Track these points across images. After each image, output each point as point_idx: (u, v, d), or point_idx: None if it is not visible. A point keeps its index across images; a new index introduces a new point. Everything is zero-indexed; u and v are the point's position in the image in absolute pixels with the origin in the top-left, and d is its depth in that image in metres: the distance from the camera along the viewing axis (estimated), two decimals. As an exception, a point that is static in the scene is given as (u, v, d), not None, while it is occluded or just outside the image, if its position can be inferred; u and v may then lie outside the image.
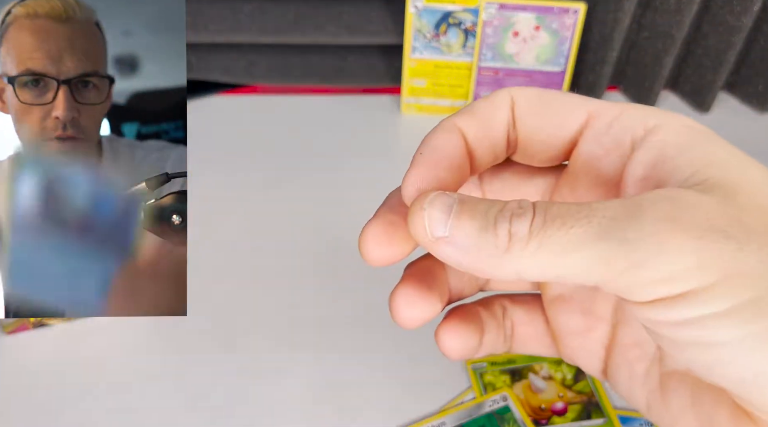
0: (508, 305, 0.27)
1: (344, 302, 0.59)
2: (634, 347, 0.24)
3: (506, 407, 0.52)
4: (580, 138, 0.23)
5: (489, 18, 0.70)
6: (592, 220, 0.18)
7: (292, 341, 0.56)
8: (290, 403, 0.52)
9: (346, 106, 0.78)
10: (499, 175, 0.26)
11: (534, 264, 0.19)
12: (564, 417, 0.52)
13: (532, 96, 0.23)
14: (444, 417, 0.51)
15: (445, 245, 0.20)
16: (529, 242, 0.18)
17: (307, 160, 0.71)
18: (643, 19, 0.73)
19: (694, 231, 0.18)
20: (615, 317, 0.25)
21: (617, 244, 0.18)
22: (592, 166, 0.23)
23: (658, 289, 0.18)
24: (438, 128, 0.23)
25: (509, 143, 0.24)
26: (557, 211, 0.19)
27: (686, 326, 0.18)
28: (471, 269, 0.20)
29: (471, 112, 0.23)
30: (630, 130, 0.22)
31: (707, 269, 0.17)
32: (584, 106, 0.23)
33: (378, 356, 0.55)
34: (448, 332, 0.25)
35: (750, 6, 0.69)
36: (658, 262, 0.18)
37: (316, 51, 0.79)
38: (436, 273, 0.25)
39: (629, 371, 0.25)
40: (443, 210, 0.20)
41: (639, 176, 0.21)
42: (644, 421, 0.51)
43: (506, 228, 0.19)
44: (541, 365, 0.55)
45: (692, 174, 0.20)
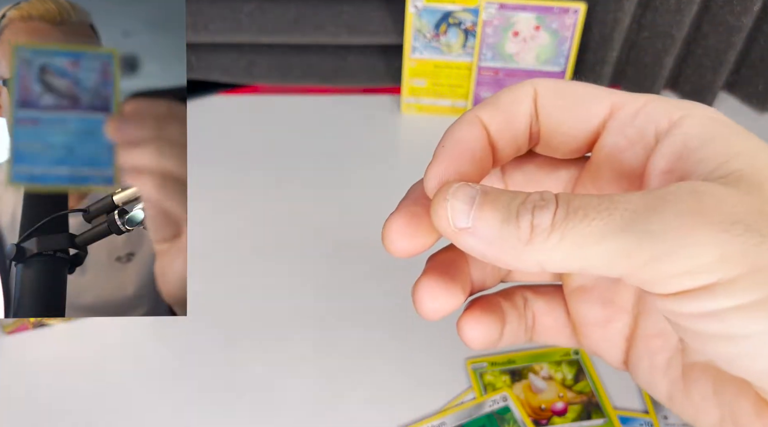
0: (529, 295, 0.27)
1: (344, 301, 0.59)
2: (656, 338, 0.25)
3: (506, 407, 0.52)
4: (604, 130, 0.23)
5: (489, 18, 0.70)
6: (614, 212, 0.18)
7: (292, 341, 0.56)
8: (290, 403, 0.52)
9: (346, 106, 0.78)
10: (521, 167, 0.26)
11: (556, 256, 0.19)
12: (564, 417, 0.52)
13: (555, 88, 0.23)
14: (444, 417, 0.51)
15: (468, 235, 0.20)
16: (551, 234, 0.19)
17: (307, 160, 0.71)
18: (643, 19, 0.73)
19: (718, 224, 0.18)
20: (636, 308, 0.25)
21: (640, 236, 0.18)
22: (615, 158, 0.23)
23: (682, 281, 0.18)
24: (460, 121, 0.23)
25: (531, 135, 0.24)
26: (580, 203, 0.19)
27: (709, 319, 0.18)
28: (493, 260, 0.20)
29: (494, 104, 0.23)
30: (654, 122, 0.22)
31: (731, 262, 0.18)
32: (608, 97, 0.23)
33: (378, 356, 0.55)
34: (470, 323, 0.25)
35: (750, 6, 0.69)
36: (681, 254, 0.18)
37: (316, 51, 0.79)
38: (458, 265, 0.25)
39: (651, 362, 0.25)
40: (466, 201, 0.20)
41: (662, 169, 0.22)
42: (644, 421, 0.51)
43: (529, 220, 0.19)
44: (541, 366, 0.55)
45: (716, 167, 0.20)
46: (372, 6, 0.76)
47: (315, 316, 0.57)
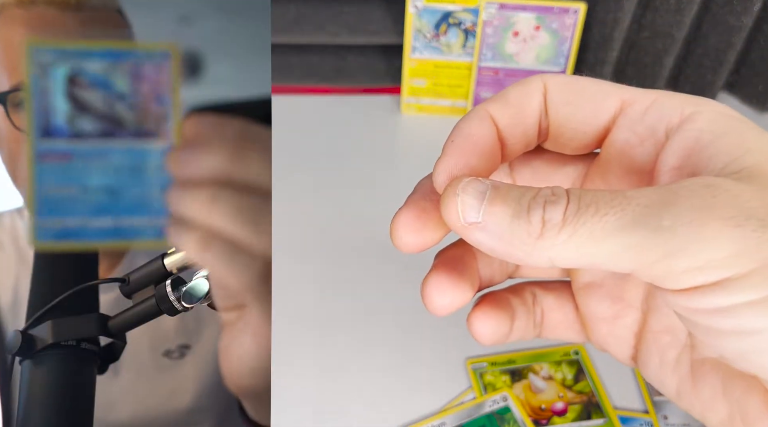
0: (538, 291, 0.27)
1: (344, 301, 0.59)
2: (665, 334, 0.24)
3: (506, 407, 0.52)
4: (614, 126, 0.23)
5: (489, 18, 0.70)
6: (626, 207, 0.18)
7: (292, 341, 0.56)
8: (290, 403, 0.52)
9: (346, 106, 0.78)
10: (529, 163, 0.26)
11: (567, 251, 0.19)
12: (564, 417, 0.52)
13: (564, 83, 0.23)
14: (444, 417, 0.51)
15: (478, 230, 0.20)
16: (562, 229, 0.19)
17: (306, 160, 0.71)
18: (643, 19, 0.73)
19: (731, 219, 0.18)
20: (646, 304, 0.25)
21: (652, 231, 0.18)
22: (625, 154, 0.23)
23: (695, 277, 0.18)
24: (470, 115, 0.23)
25: (540, 131, 0.24)
26: (591, 199, 0.19)
27: (721, 314, 0.18)
28: (503, 256, 0.20)
29: (504, 99, 0.23)
30: (665, 118, 0.22)
31: (744, 258, 0.18)
32: (617, 93, 0.23)
33: (378, 356, 0.55)
34: (480, 318, 0.25)
35: (750, 6, 0.69)
36: (694, 250, 0.18)
37: (316, 51, 0.79)
38: (466, 261, 0.25)
39: (660, 358, 0.25)
40: (476, 196, 0.20)
41: (673, 165, 0.21)
42: (644, 421, 0.51)
43: (539, 215, 0.19)
44: (541, 366, 0.55)
45: (728, 163, 0.20)
46: (372, 6, 0.76)
47: (314, 316, 0.57)
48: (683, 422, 0.51)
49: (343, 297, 0.59)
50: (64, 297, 0.28)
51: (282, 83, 0.79)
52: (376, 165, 0.71)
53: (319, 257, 0.62)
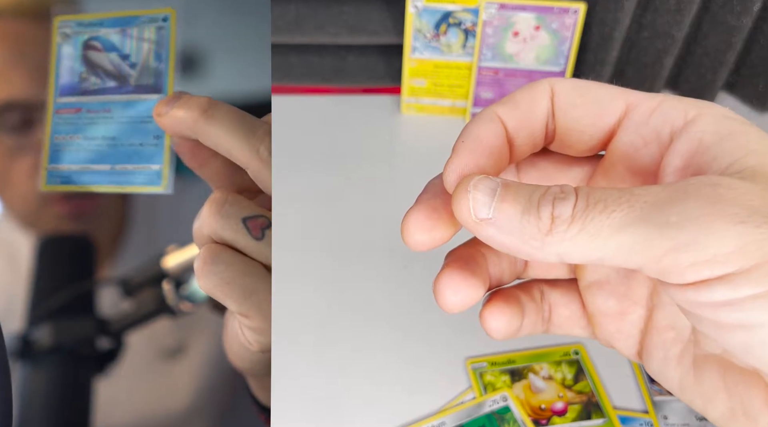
0: (545, 288, 0.28)
1: (344, 301, 0.59)
2: (669, 330, 0.25)
3: (506, 407, 0.52)
4: (619, 128, 0.24)
5: (489, 18, 0.70)
6: (634, 204, 0.19)
7: (291, 340, 0.56)
8: (289, 402, 0.52)
9: (346, 106, 0.78)
10: (536, 164, 0.27)
11: (575, 246, 0.19)
12: (564, 417, 0.52)
13: (571, 87, 0.24)
14: (444, 417, 0.51)
15: (489, 226, 0.20)
16: (571, 225, 0.19)
17: (306, 160, 0.71)
18: (643, 19, 0.73)
19: (736, 215, 0.18)
20: (651, 302, 0.26)
21: (660, 227, 0.18)
22: (629, 156, 0.24)
23: (701, 271, 0.18)
24: (480, 117, 0.24)
25: (547, 133, 0.25)
26: (599, 196, 0.19)
27: (727, 308, 0.19)
28: (513, 251, 0.20)
29: (512, 102, 0.24)
30: (670, 120, 0.23)
31: (749, 253, 0.18)
32: (623, 97, 0.24)
33: (378, 356, 0.55)
34: (493, 314, 0.26)
35: (750, 6, 0.69)
36: (701, 245, 0.18)
37: (316, 51, 0.79)
38: (476, 260, 0.26)
39: (664, 353, 0.25)
40: (487, 193, 0.20)
41: (677, 166, 0.22)
42: (644, 421, 0.51)
43: (549, 211, 0.19)
44: (541, 366, 0.55)
45: (732, 163, 0.20)
46: (372, 6, 0.76)
47: (314, 315, 0.57)
48: (683, 422, 0.51)
49: (343, 296, 0.59)
50: (63, 298, 0.28)
51: (282, 83, 0.79)
52: (376, 165, 0.71)
53: (319, 257, 0.62)
